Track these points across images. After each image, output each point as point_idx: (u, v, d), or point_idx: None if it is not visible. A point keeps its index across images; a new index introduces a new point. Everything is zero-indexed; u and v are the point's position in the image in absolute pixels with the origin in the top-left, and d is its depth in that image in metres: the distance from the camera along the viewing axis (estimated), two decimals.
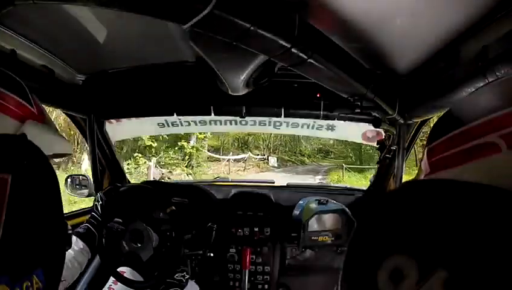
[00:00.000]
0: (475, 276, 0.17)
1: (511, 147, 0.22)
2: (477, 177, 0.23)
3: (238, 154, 13.31)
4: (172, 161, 9.60)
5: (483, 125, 0.24)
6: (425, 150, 0.30)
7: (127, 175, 1.59)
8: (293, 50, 0.66)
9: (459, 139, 0.26)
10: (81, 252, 0.99)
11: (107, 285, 1.08)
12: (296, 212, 1.39)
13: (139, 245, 1.07)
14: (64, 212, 1.27)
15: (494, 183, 0.21)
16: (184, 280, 1.08)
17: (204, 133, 9.65)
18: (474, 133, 0.24)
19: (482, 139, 0.24)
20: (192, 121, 1.47)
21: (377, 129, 1.29)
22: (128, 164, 7.92)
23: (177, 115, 1.38)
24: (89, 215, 1.13)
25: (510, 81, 0.28)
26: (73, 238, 0.99)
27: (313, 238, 1.32)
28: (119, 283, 1.04)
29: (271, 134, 14.19)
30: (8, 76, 0.46)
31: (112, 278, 1.18)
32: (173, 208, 1.05)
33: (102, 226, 1.07)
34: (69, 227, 0.92)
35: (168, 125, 1.49)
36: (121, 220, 1.09)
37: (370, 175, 1.72)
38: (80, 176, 1.44)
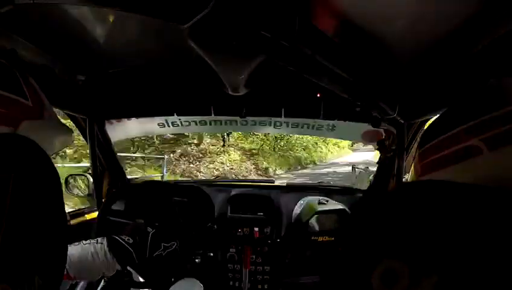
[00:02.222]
0: (465, 280, 0.18)
1: (491, 150, 0.24)
2: (463, 178, 0.26)
3: None
4: None
5: (466, 130, 0.27)
6: (417, 154, 0.33)
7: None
8: (293, 50, 0.66)
9: (446, 143, 0.29)
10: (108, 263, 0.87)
11: (101, 283, 1.09)
12: (296, 212, 1.40)
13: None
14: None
15: (479, 183, 0.23)
16: (175, 247, 0.98)
17: None
18: (459, 137, 0.27)
19: (466, 143, 0.26)
20: (192, 121, 1.47)
21: (377, 129, 1.29)
22: None
23: (177, 115, 1.38)
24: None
25: (490, 89, 0.31)
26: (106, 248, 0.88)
27: (313, 238, 1.32)
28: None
29: None
30: None
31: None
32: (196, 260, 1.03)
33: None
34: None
35: (168, 125, 1.49)
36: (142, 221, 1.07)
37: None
38: (80, 176, 1.45)
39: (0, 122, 0.37)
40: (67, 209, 1.47)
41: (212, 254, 1.27)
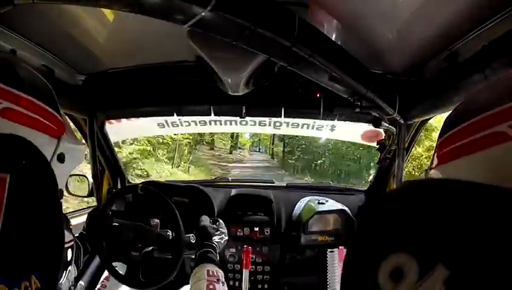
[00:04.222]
0: (476, 273, 0.17)
1: None
2: (486, 166, 0.24)
3: None
4: None
5: (492, 116, 0.25)
6: (437, 143, 0.31)
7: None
8: (293, 49, 0.66)
9: (469, 130, 0.27)
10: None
11: (100, 282, 1.08)
12: (296, 212, 1.39)
13: (140, 245, 1.07)
14: (64, 212, 1.27)
15: (504, 171, 0.21)
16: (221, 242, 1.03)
17: None
18: (484, 124, 0.25)
19: (492, 130, 0.24)
20: (192, 121, 1.47)
21: (377, 129, 1.29)
22: None
23: (177, 115, 1.38)
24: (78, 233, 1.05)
25: None
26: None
27: (313, 238, 1.32)
28: (110, 280, 1.04)
29: None
30: (42, 84, 0.43)
31: (104, 275, 1.18)
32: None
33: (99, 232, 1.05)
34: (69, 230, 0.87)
35: (168, 126, 1.49)
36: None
37: None
38: (79, 176, 1.44)
39: (49, 134, 0.42)
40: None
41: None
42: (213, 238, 1.01)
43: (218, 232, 1.04)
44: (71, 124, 1.27)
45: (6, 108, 0.37)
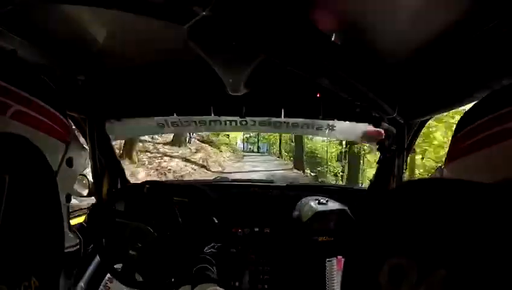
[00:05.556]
0: (474, 274, 0.17)
1: None
2: (499, 162, 0.24)
3: None
4: None
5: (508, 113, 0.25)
6: (452, 139, 0.31)
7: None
8: (293, 50, 0.66)
9: (486, 125, 0.26)
10: None
11: (103, 283, 1.08)
12: (296, 212, 1.40)
13: (139, 245, 1.07)
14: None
15: None
16: (214, 251, 1.05)
17: None
18: (502, 119, 0.25)
19: (507, 125, 0.24)
20: (192, 121, 1.47)
21: (377, 129, 1.29)
22: None
23: (177, 115, 1.38)
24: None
25: None
26: None
27: (313, 238, 1.32)
28: (114, 282, 1.04)
29: None
30: (51, 90, 0.43)
31: (107, 276, 1.19)
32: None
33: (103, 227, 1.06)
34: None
35: (168, 125, 1.49)
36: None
37: None
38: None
39: (59, 138, 0.43)
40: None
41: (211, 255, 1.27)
42: (205, 249, 1.00)
43: (210, 242, 1.04)
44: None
45: (18, 111, 0.37)
